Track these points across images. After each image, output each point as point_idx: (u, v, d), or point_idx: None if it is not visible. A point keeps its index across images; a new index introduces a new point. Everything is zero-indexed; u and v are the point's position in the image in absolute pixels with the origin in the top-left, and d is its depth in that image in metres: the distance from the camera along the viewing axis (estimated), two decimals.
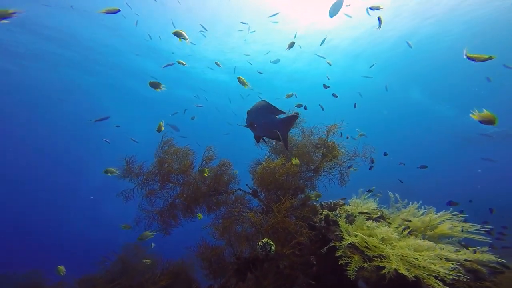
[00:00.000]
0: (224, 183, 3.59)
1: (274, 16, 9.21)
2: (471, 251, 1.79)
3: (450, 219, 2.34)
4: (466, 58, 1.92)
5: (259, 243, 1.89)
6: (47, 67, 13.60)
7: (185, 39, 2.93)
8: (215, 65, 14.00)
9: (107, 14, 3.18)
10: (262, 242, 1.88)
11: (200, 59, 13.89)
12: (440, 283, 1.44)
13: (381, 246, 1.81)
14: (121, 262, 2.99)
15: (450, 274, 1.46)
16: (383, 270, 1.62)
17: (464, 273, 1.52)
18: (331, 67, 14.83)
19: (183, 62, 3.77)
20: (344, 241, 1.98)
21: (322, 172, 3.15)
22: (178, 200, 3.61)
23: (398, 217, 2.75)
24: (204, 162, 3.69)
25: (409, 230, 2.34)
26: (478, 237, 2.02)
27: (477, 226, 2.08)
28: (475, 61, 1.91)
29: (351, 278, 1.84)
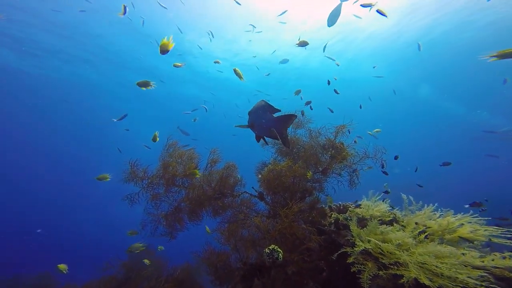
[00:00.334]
0: (229, 186, 3.51)
1: (283, 14, 9.12)
2: (499, 257, 1.64)
3: (470, 222, 2.18)
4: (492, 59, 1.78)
5: (266, 250, 1.79)
6: (59, 68, 13.96)
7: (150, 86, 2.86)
8: (224, 67, 14.09)
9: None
10: (269, 249, 1.79)
11: (209, 59, 14.04)
12: None
13: (397, 252, 1.68)
14: (125, 269, 2.94)
15: (482, 285, 1.31)
16: (402, 279, 1.50)
17: (495, 282, 1.37)
18: (340, 66, 14.67)
19: (179, 64, 3.79)
20: (356, 247, 1.86)
21: (331, 174, 3.03)
22: (183, 203, 3.56)
23: (413, 220, 2.60)
24: (209, 165, 3.63)
25: (425, 234, 2.20)
26: (504, 241, 1.86)
27: (502, 229, 1.92)
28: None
29: (365, 286, 1.72)
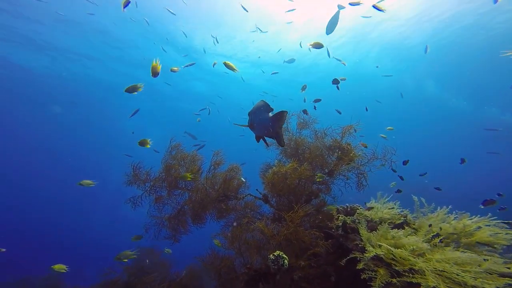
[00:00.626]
0: (233, 188, 3.44)
1: (291, 11, 9.05)
2: None
3: (489, 225, 2.05)
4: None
5: (271, 256, 1.71)
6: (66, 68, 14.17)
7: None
8: (232, 69, 14.16)
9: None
10: (274, 255, 1.70)
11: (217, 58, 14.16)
12: None
13: (411, 258, 1.57)
14: (127, 273, 2.88)
15: None
16: None
17: None
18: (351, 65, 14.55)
19: (175, 68, 3.81)
20: (367, 253, 1.76)
21: (338, 175, 2.93)
22: (187, 206, 3.50)
23: (425, 223, 2.48)
24: (212, 167, 3.57)
25: (440, 237, 2.07)
26: None
27: None
28: None
29: None
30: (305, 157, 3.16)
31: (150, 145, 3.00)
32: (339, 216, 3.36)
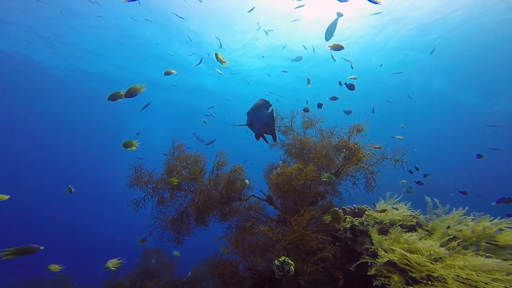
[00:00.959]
0: (237, 190, 3.36)
1: (300, 7, 8.89)
2: None
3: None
4: None
5: (276, 262, 1.61)
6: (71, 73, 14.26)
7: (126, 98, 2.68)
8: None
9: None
10: (279, 261, 1.61)
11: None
12: None
13: (429, 264, 1.46)
14: (129, 279, 2.82)
15: None
16: None
17: None
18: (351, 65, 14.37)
19: (171, 71, 3.77)
20: (379, 258, 1.64)
21: (345, 176, 2.81)
22: (190, 208, 3.44)
23: (439, 225, 2.34)
24: (215, 168, 3.49)
25: (457, 241, 1.94)
26: None
27: None
28: None
29: None
30: (310, 157, 3.05)
31: (136, 147, 2.95)
32: (347, 217, 3.24)
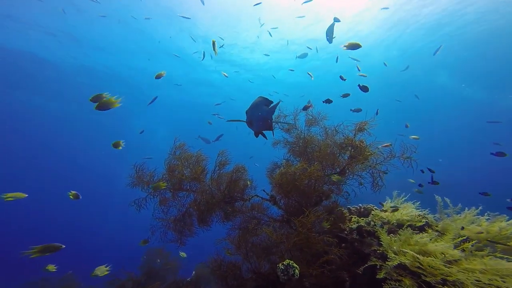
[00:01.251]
0: (239, 189, 3.30)
1: (307, 2, 8.88)
2: None
3: None
4: None
5: (280, 266, 1.54)
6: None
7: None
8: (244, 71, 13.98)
9: None
10: (283, 264, 1.54)
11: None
12: None
13: (444, 268, 1.37)
14: (132, 282, 2.78)
15: None
16: None
17: None
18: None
19: (162, 73, 3.78)
20: (390, 261, 1.56)
21: (351, 175, 2.72)
22: (192, 208, 3.39)
23: (451, 225, 2.24)
24: (217, 168, 3.44)
25: (471, 242, 1.85)
26: None
27: None
28: None
29: None
30: (314, 155, 2.96)
31: (122, 146, 2.93)
32: (352, 217, 3.15)
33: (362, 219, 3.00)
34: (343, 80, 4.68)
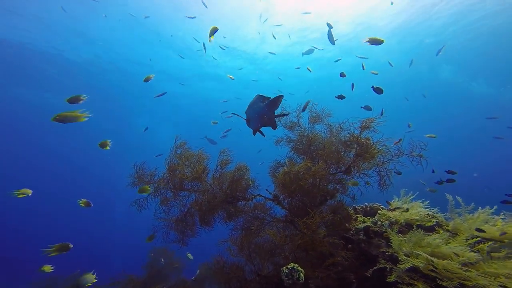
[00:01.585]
0: (242, 189, 3.22)
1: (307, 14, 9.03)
2: None
3: None
4: None
5: (285, 270, 1.47)
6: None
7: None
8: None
9: None
10: (287, 268, 1.46)
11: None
12: None
13: (461, 272, 1.28)
14: (132, 285, 2.73)
15: None
16: None
17: None
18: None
19: (150, 76, 3.76)
20: (402, 263, 1.47)
21: (356, 173, 2.63)
22: (193, 209, 3.33)
23: (463, 225, 2.14)
24: (219, 167, 3.37)
25: (487, 244, 1.75)
26: None
27: None
28: None
29: None
30: (318, 154, 2.87)
31: (109, 146, 2.90)
32: (358, 216, 3.06)
33: (369, 219, 2.91)
34: (343, 76, 4.58)
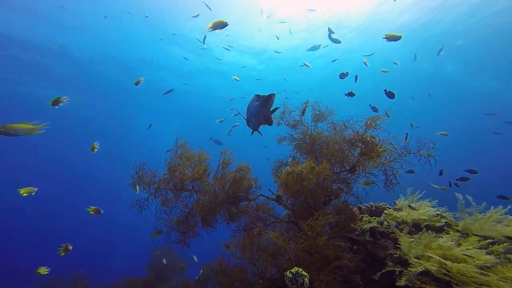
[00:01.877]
0: (244, 189, 3.17)
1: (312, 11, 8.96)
2: None
3: None
4: None
5: (288, 274, 1.41)
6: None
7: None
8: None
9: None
10: (291, 272, 1.40)
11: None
12: None
13: (479, 276, 1.20)
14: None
15: None
16: None
17: None
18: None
19: (140, 80, 3.83)
20: (413, 267, 1.40)
21: (362, 173, 2.55)
22: (195, 209, 3.28)
23: (474, 225, 2.06)
24: (220, 167, 3.31)
25: (502, 245, 1.66)
26: None
27: None
28: None
29: None
30: (322, 152, 2.80)
31: (97, 149, 2.92)
32: (363, 216, 2.98)
33: (374, 219, 2.83)
34: (344, 76, 4.50)
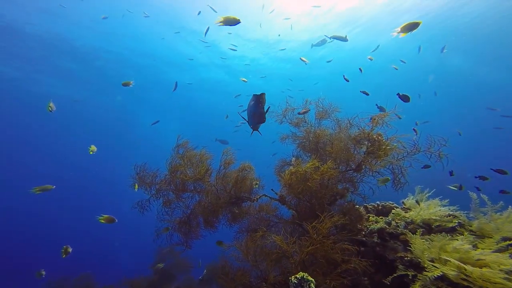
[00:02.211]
0: (246, 189, 3.09)
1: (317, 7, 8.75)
2: None
3: None
4: None
5: (293, 280, 1.33)
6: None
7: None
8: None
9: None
10: (296, 278, 1.32)
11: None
12: None
13: (505, 282, 1.10)
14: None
15: None
16: None
17: None
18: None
19: (129, 82, 3.98)
20: (430, 271, 1.30)
21: (368, 172, 2.44)
22: (196, 211, 3.22)
23: (490, 226, 1.94)
24: (222, 167, 3.24)
25: None
26: None
27: None
28: None
29: None
30: (326, 151, 2.70)
31: (94, 152, 3.01)
32: (370, 216, 2.87)
33: (381, 218, 2.72)
34: (347, 81, 4.39)
